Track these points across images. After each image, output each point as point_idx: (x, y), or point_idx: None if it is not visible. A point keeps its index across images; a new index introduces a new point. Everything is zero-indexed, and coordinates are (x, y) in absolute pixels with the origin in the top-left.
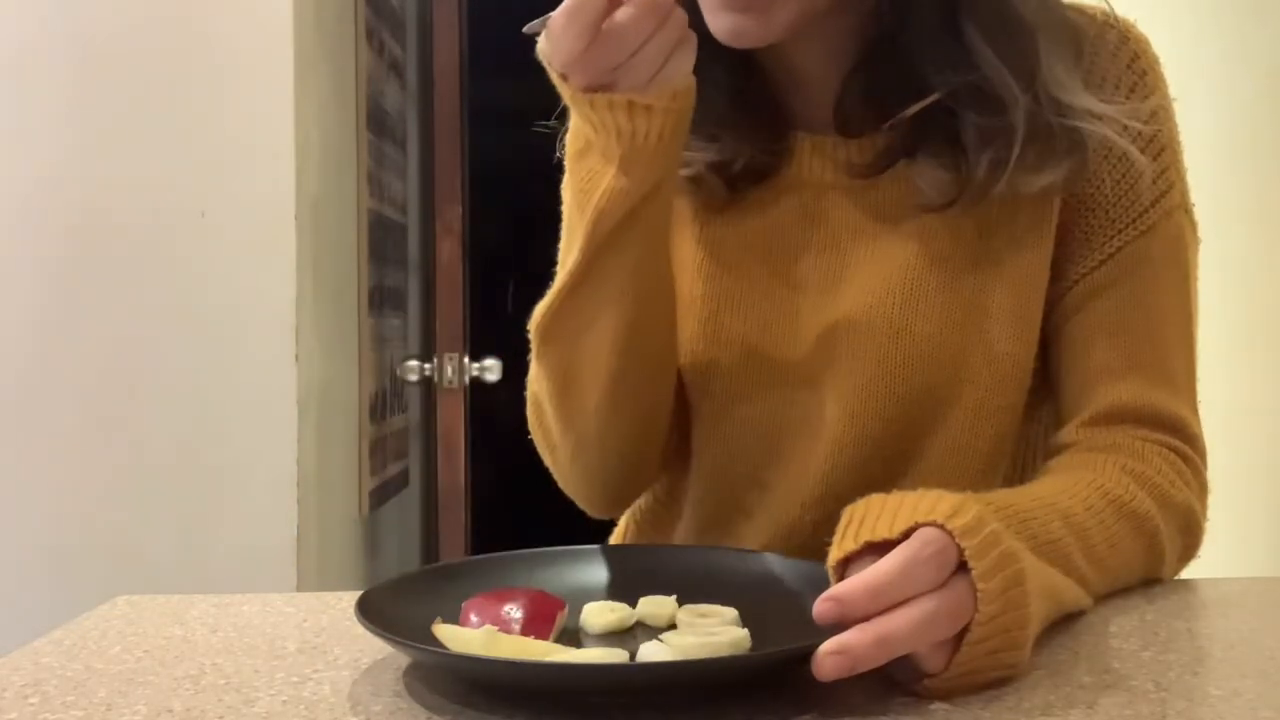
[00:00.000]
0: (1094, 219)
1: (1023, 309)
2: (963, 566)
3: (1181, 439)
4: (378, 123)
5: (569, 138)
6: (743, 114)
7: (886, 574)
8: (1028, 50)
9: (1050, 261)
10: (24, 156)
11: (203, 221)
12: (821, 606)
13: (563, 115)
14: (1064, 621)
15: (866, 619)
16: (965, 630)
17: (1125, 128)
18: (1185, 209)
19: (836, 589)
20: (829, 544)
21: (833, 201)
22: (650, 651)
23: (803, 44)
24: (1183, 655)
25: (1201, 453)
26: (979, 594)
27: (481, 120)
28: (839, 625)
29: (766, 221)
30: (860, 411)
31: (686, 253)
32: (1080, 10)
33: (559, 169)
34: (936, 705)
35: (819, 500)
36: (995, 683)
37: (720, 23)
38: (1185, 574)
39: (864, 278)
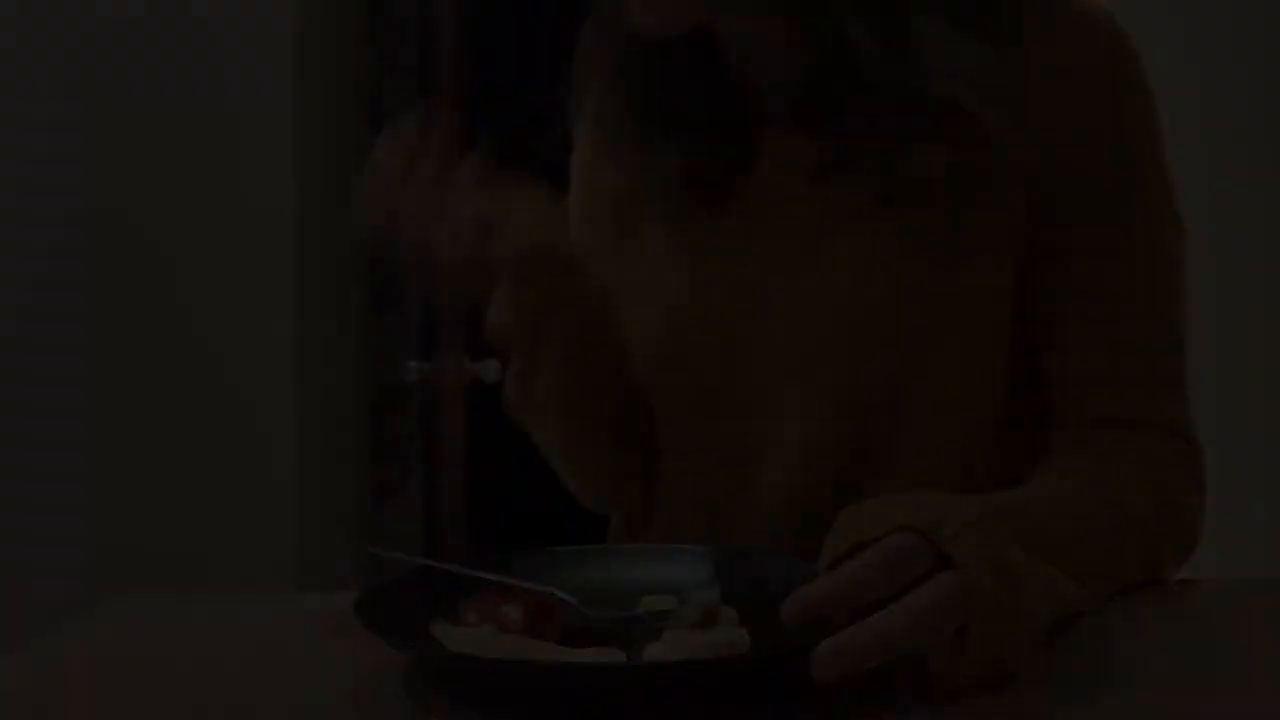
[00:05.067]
0: (1066, 225)
1: (986, 310)
2: (954, 566)
3: (1177, 439)
4: (378, 123)
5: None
6: (700, 111)
7: (845, 579)
8: (900, 19)
9: (1016, 266)
10: (22, 156)
11: (203, 221)
12: (786, 610)
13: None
14: (1064, 621)
15: (829, 621)
16: (964, 630)
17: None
18: (1167, 205)
19: (798, 593)
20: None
21: (790, 203)
22: (650, 651)
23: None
24: (1183, 655)
25: (1197, 451)
26: (975, 594)
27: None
28: (835, 626)
29: (730, 224)
30: (826, 416)
31: (653, 278)
32: None
33: None
34: (936, 705)
35: (782, 512)
36: (995, 682)
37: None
38: (1185, 574)
39: (832, 278)
